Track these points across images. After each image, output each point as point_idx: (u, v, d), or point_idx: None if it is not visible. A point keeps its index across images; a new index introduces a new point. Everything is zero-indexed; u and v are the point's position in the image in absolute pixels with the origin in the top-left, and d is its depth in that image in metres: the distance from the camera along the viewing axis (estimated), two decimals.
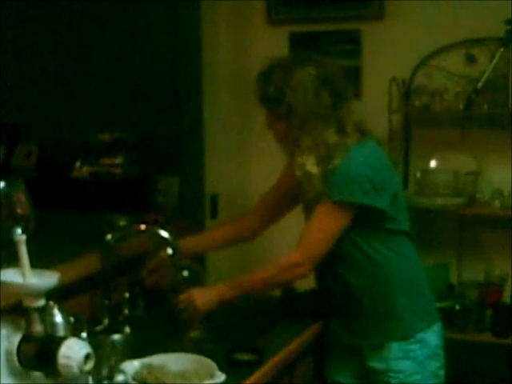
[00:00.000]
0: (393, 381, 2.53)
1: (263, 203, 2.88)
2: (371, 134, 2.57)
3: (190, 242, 2.82)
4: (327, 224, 2.47)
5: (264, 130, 2.59)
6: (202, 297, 2.52)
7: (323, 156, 2.45)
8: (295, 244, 2.51)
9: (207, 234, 3.05)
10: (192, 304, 2.52)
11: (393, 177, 2.56)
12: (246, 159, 4.11)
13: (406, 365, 2.52)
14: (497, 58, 3.52)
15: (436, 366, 2.58)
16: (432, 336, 2.56)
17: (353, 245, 2.51)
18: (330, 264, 2.52)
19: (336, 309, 2.66)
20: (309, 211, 2.58)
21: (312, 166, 2.45)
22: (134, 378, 2.13)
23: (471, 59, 3.71)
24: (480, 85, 3.54)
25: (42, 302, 1.87)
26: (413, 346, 2.52)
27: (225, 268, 3.85)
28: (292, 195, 2.70)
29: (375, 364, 2.56)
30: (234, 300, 2.54)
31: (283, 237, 3.41)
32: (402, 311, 2.54)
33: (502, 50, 3.51)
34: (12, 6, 4.55)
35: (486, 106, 3.60)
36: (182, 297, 2.56)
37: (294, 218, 2.76)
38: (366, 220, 2.47)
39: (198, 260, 2.94)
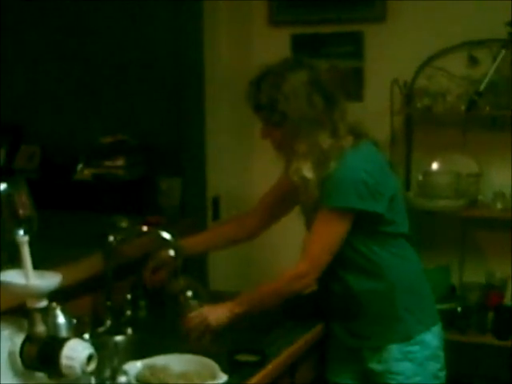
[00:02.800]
0: (392, 382, 2.53)
1: (262, 204, 2.89)
2: (367, 137, 2.56)
3: (189, 243, 2.82)
4: (328, 232, 2.47)
5: None
6: (213, 314, 2.52)
7: (319, 161, 2.45)
8: (295, 244, 2.52)
9: (206, 235, 3.05)
10: (204, 321, 2.51)
11: (389, 179, 2.56)
12: (248, 161, 4.11)
13: (405, 366, 2.52)
14: (499, 59, 3.51)
15: (436, 367, 2.58)
16: (432, 337, 2.57)
17: (351, 248, 2.51)
18: (330, 266, 2.51)
19: (336, 311, 2.66)
20: (307, 214, 2.59)
21: (308, 172, 2.45)
22: (136, 379, 2.14)
23: (473, 61, 3.71)
24: (482, 87, 3.53)
25: (44, 303, 1.88)
26: (413, 348, 2.53)
27: (227, 268, 3.86)
28: (291, 197, 2.70)
29: (375, 366, 2.56)
30: (245, 315, 2.53)
31: (283, 237, 3.42)
32: (402, 313, 2.54)
33: (504, 51, 3.51)
34: (14, 9, 4.55)
35: (488, 108, 3.59)
36: (193, 314, 2.56)
37: (294, 219, 2.76)
38: (363, 224, 2.47)
39: (200, 261, 2.94)
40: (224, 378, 2.14)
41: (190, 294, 2.71)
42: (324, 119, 2.46)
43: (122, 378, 2.14)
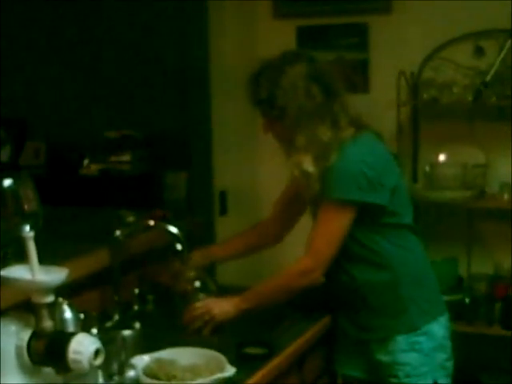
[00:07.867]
0: (400, 373, 2.52)
1: (278, 208, 2.86)
2: (368, 128, 2.55)
3: (214, 251, 2.87)
4: (331, 226, 2.46)
5: None
6: (219, 306, 2.52)
7: (319, 154, 2.44)
8: (303, 238, 2.51)
9: (230, 243, 2.99)
10: (209, 312, 2.51)
11: (391, 170, 2.55)
12: (254, 155, 4.11)
13: (412, 357, 2.52)
14: (505, 50, 3.51)
15: (443, 357, 2.57)
16: (438, 328, 2.56)
17: (354, 240, 2.50)
18: (335, 259, 2.51)
19: (342, 303, 2.66)
20: (313, 209, 2.58)
21: (308, 165, 2.44)
22: (144, 373, 2.14)
23: (479, 52, 3.70)
24: (488, 77, 3.53)
25: (51, 298, 1.88)
26: (419, 338, 2.52)
27: (235, 262, 3.85)
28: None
29: (382, 357, 2.55)
30: (250, 311, 2.52)
31: (292, 236, 3.42)
32: (408, 304, 2.53)
33: (510, 42, 3.50)
34: (18, 5, 4.56)
35: (494, 99, 3.58)
36: (199, 304, 2.56)
37: (302, 218, 2.77)
38: (366, 215, 2.46)
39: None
40: (232, 370, 2.14)
41: (198, 284, 2.71)
42: (323, 112, 2.45)
43: (130, 372, 2.14)
